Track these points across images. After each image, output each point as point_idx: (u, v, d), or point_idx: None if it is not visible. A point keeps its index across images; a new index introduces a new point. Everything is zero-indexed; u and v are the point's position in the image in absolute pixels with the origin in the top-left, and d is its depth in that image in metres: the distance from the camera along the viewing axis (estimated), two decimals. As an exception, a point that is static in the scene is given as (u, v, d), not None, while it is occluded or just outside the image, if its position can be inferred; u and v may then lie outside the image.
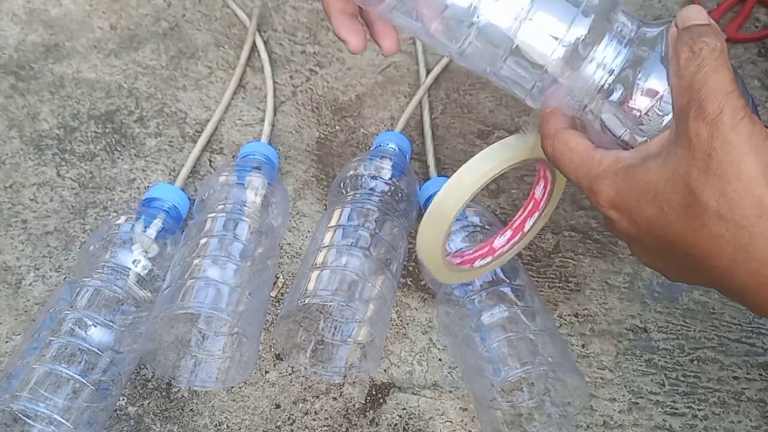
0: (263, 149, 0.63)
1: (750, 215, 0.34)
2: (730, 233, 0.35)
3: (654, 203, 0.37)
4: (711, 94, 0.34)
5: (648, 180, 0.37)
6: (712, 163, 0.34)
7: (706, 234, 0.36)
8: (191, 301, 0.50)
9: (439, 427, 0.54)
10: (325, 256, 0.54)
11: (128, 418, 0.53)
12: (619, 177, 0.38)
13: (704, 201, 0.35)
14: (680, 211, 0.36)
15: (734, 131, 0.34)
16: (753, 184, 0.34)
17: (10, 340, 0.57)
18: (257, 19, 0.75)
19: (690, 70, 0.36)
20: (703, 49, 0.36)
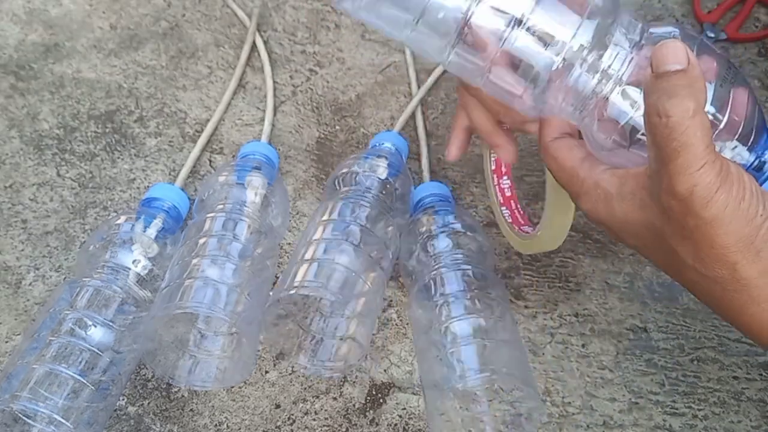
0: (263, 149, 0.63)
1: (723, 275, 0.36)
2: (706, 286, 0.37)
3: (637, 239, 0.39)
4: (680, 172, 0.34)
5: (627, 220, 0.38)
6: (685, 231, 0.35)
7: (685, 279, 0.38)
8: (189, 300, 0.50)
9: (439, 427, 0.54)
10: (314, 250, 0.54)
11: (128, 418, 0.53)
12: (599, 205, 0.39)
13: (681, 255, 0.37)
14: (660, 252, 0.38)
15: (706, 209, 0.34)
16: (726, 251, 0.35)
17: (10, 340, 0.57)
18: (257, 18, 0.75)
19: (661, 135, 0.34)
20: (671, 116, 0.34)
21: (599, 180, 0.39)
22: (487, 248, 0.57)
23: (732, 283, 0.36)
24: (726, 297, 0.37)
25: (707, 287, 0.37)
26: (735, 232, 0.35)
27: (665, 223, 0.36)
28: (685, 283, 0.39)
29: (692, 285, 0.38)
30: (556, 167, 0.42)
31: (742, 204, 0.35)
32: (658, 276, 0.60)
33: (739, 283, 0.36)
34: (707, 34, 0.73)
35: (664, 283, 0.60)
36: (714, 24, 0.74)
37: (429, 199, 0.60)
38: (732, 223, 0.35)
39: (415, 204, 0.60)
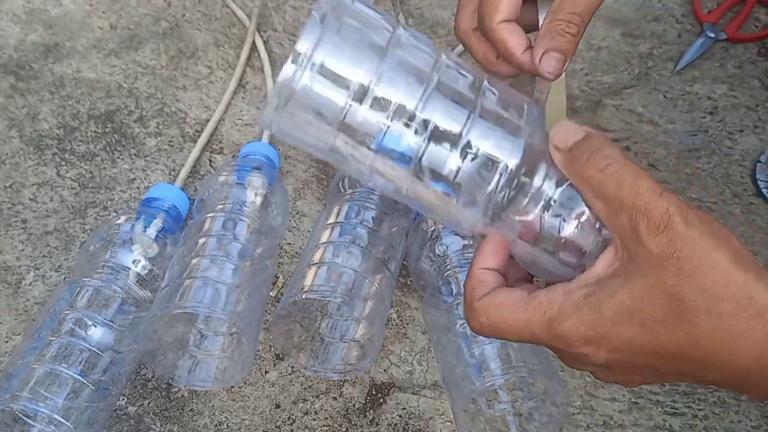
0: (264, 149, 0.63)
1: (740, 301, 0.34)
2: (725, 324, 0.34)
3: (633, 322, 0.35)
4: (649, 203, 0.33)
5: (619, 302, 0.35)
6: (683, 265, 0.33)
7: (699, 332, 0.34)
8: (189, 300, 0.50)
9: (439, 427, 0.54)
10: (323, 253, 0.54)
11: (128, 418, 0.53)
12: (583, 310, 0.36)
13: (689, 302, 0.34)
14: (665, 320, 0.35)
15: (689, 227, 0.33)
16: (730, 270, 0.33)
17: (10, 340, 0.57)
18: (257, 18, 0.75)
19: (611, 189, 0.34)
20: (610, 163, 0.34)
21: (568, 289, 0.36)
22: None
23: (751, 307, 0.33)
24: (751, 328, 0.34)
25: (728, 328, 0.34)
26: (726, 247, 0.34)
27: (661, 272, 0.34)
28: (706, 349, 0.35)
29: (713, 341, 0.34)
30: (503, 314, 0.37)
31: (713, 223, 0.34)
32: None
33: (758, 303, 0.33)
34: (707, 34, 0.73)
35: (664, 283, 0.60)
36: (714, 24, 0.74)
37: None
38: (718, 239, 0.34)
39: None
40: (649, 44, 0.75)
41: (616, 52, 0.74)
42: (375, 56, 0.35)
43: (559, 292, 0.36)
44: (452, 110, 0.36)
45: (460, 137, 0.36)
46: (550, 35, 0.44)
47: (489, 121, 0.37)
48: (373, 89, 0.35)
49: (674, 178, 0.66)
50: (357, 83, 0.35)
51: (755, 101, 0.70)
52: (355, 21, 0.36)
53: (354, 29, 0.35)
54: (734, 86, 0.71)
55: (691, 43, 0.74)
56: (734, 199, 0.65)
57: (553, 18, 0.44)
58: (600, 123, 0.69)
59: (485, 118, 0.37)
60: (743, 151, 0.67)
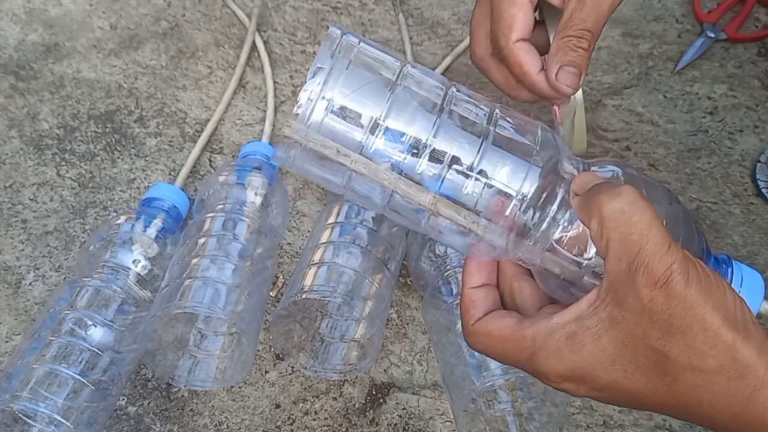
0: (264, 149, 0.63)
1: (723, 361, 0.34)
2: (707, 382, 0.34)
3: (614, 369, 0.35)
4: (655, 255, 0.33)
5: (600, 348, 0.35)
6: (674, 323, 0.33)
7: (680, 386, 0.35)
8: (189, 300, 0.50)
9: (439, 427, 0.54)
10: (323, 253, 0.54)
11: (128, 418, 0.53)
12: (563, 351, 0.36)
13: (673, 357, 0.34)
14: (647, 369, 0.35)
15: (688, 287, 0.33)
16: (719, 331, 0.33)
17: (10, 340, 0.57)
18: (257, 18, 0.75)
19: (620, 231, 0.33)
20: (624, 202, 0.33)
21: (551, 326, 0.36)
22: None
23: (734, 368, 0.34)
24: (730, 388, 0.34)
25: (709, 385, 0.34)
26: (719, 308, 0.33)
27: (648, 325, 0.34)
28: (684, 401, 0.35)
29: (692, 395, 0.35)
30: (493, 342, 0.38)
31: (710, 281, 0.34)
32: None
33: (742, 365, 0.34)
34: (707, 34, 0.73)
35: (664, 283, 0.60)
36: (714, 24, 0.74)
37: None
38: (713, 299, 0.33)
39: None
40: (649, 44, 0.75)
41: (616, 52, 0.74)
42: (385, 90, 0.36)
43: (542, 329, 0.36)
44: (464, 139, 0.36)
45: (474, 166, 0.36)
46: (563, 51, 0.45)
47: (502, 149, 0.37)
48: (385, 122, 0.35)
49: (674, 178, 0.66)
50: (369, 117, 0.35)
51: (755, 101, 0.70)
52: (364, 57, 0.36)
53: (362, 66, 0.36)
54: (734, 86, 0.71)
55: (691, 43, 0.74)
56: (734, 199, 0.65)
57: (563, 34, 0.45)
58: (600, 123, 0.69)
59: (499, 146, 0.37)
60: (743, 151, 0.67)
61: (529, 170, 0.37)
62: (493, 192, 0.37)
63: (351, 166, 0.36)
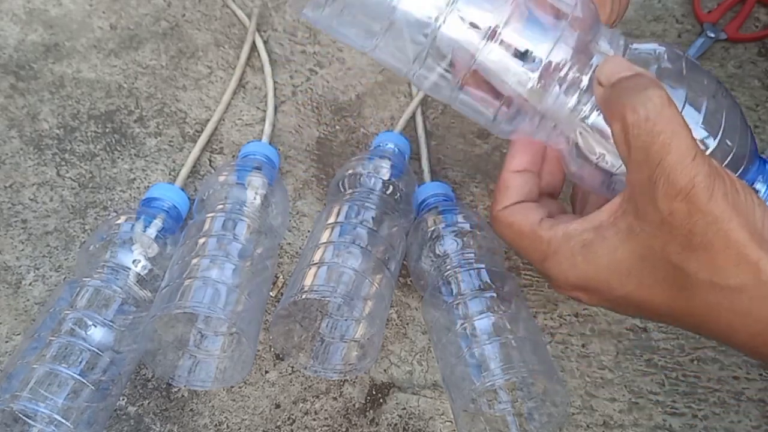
0: (264, 149, 0.63)
1: (746, 281, 0.32)
2: (727, 300, 0.32)
3: (629, 281, 0.34)
4: (677, 166, 0.31)
5: (616, 259, 0.34)
6: (694, 238, 0.31)
7: (699, 303, 0.33)
8: (189, 300, 0.50)
9: (439, 427, 0.54)
10: (323, 253, 0.54)
11: (128, 418, 0.53)
12: (577, 259, 0.34)
13: (692, 273, 0.32)
14: (664, 283, 0.33)
15: (712, 201, 0.31)
16: (746, 249, 0.31)
17: (10, 340, 0.57)
18: (257, 18, 0.75)
19: (642, 139, 0.31)
20: (649, 108, 0.31)
21: (569, 232, 0.35)
22: (496, 246, 0.57)
23: (758, 288, 0.32)
24: (754, 308, 0.32)
25: (729, 304, 0.32)
26: (746, 225, 0.31)
27: (667, 239, 0.32)
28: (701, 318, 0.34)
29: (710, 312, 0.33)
30: (512, 235, 0.37)
31: (739, 195, 0.32)
32: (658, 276, 0.60)
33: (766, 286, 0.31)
34: (707, 34, 0.73)
35: (664, 283, 0.60)
36: (714, 24, 0.74)
37: (433, 200, 0.60)
38: (740, 216, 0.31)
39: (418, 205, 0.60)
40: (649, 44, 0.75)
41: (616, 52, 0.74)
42: None
43: (559, 234, 0.35)
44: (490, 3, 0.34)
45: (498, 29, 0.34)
46: None
47: (533, 17, 0.35)
48: None
49: (674, 178, 0.66)
50: None
51: (755, 101, 0.70)
52: None
53: None
54: (734, 86, 0.71)
55: (691, 43, 0.74)
56: (734, 199, 0.65)
57: None
58: (600, 123, 0.69)
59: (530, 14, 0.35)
60: (743, 151, 0.67)
61: (561, 36, 0.34)
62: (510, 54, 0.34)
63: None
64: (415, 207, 0.61)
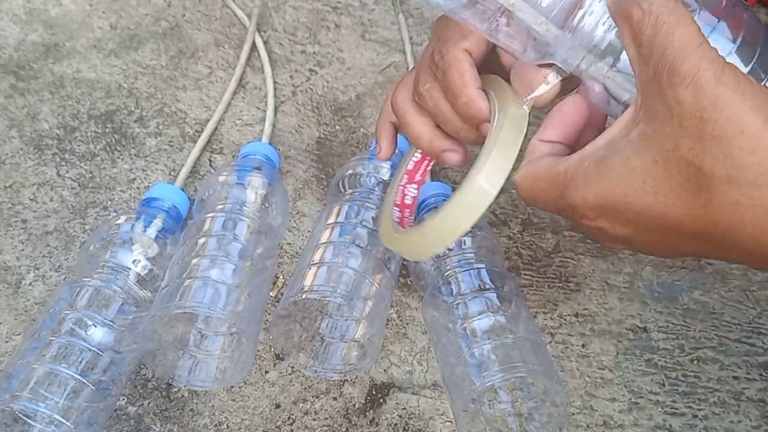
0: (264, 149, 0.63)
1: (766, 170, 0.29)
2: (747, 196, 0.30)
3: (645, 191, 0.32)
4: (681, 52, 0.30)
5: (629, 169, 0.32)
6: (706, 126, 0.29)
7: (718, 205, 0.31)
8: (189, 300, 0.50)
9: (439, 427, 0.54)
10: (323, 253, 0.54)
11: (128, 418, 0.53)
12: (591, 177, 0.33)
13: (707, 169, 0.30)
14: (680, 189, 0.31)
15: (720, 85, 0.29)
16: (761, 133, 0.29)
17: (10, 340, 0.57)
18: (257, 18, 0.75)
19: (646, 33, 0.30)
20: (652, 9, 0.30)
21: (582, 155, 0.34)
22: (495, 246, 0.57)
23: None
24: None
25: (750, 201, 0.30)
26: (760, 108, 0.29)
27: (678, 133, 0.30)
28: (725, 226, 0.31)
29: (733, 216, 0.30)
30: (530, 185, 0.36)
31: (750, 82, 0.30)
32: (658, 276, 0.60)
33: None
34: (707, 34, 0.73)
35: (664, 283, 0.60)
36: (714, 24, 0.74)
37: (433, 200, 0.60)
38: (753, 99, 0.29)
39: (419, 205, 0.60)
40: (649, 44, 0.75)
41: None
42: None
43: (574, 159, 0.34)
44: None
45: None
46: None
47: None
48: None
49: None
50: None
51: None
52: None
53: None
54: (734, 86, 0.71)
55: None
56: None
57: None
58: (600, 123, 0.69)
59: None
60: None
61: None
62: None
63: None
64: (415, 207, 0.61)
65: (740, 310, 0.58)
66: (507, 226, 0.63)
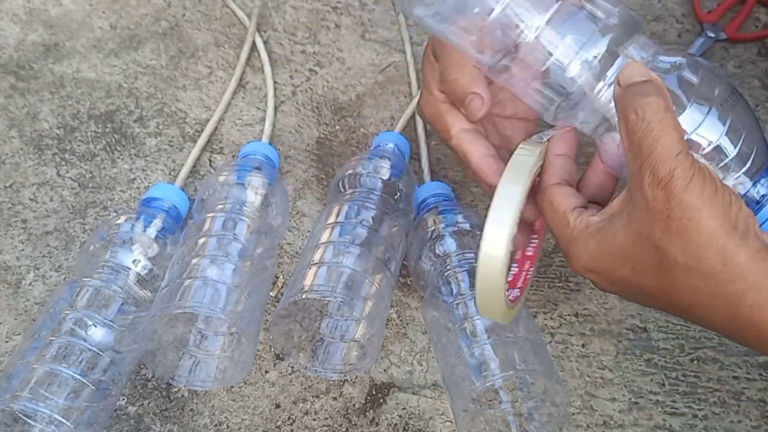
0: (264, 149, 0.63)
1: (715, 264, 0.36)
2: (703, 284, 0.37)
3: (626, 264, 0.39)
4: (661, 158, 0.35)
5: (618, 243, 0.39)
6: (672, 223, 0.36)
7: (681, 287, 0.38)
8: (189, 300, 0.50)
9: (439, 427, 0.54)
10: (323, 253, 0.54)
11: (128, 418, 0.53)
12: (591, 242, 0.40)
13: (672, 257, 0.37)
14: (651, 269, 0.38)
15: (686, 191, 0.35)
16: (714, 235, 0.36)
17: (10, 340, 0.57)
18: (257, 18, 0.75)
19: (638, 135, 0.36)
20: (647, 111, 0.36)
21: (589, 221, 0.40)
22: None
23: (725, 272, 0.36)
24: (721, 290, 0.37)
25: (705, 287, 0.37)
26: (717, 215, 0.36)
27: (651, 223, 0.37)
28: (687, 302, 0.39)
29: (693, 295, 0.38)
30: (550, 211, 0.42)
31: (717, 192, 0.36)
32: (658, 276, 0.60)
33: (733, 270, 0.36)
34: (707, 34, 0.73)
35: (664, 283, 0.60)
36: (714, 24, 0.74)
37: (433, 200, 0.60)
38: (713, 207, 0.36)
39: (419, 204, 0.60)
40: (649, 44, 0.75)
41: (616, 52, 0.74)
42: None
43: (583, 222, 0.40)
44: None
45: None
46: None
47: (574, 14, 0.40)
48: None
49: (674, 178, 0.66)
50: None
51: (755, 101, 0.70)
52: None
53: None
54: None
55: (691, 43, 0.74)
56: (734, 199, 0.65)
57: None
58: (600, 123, 0.69)
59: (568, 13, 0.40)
60: (743, 151, 0.67)
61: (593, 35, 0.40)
62: None
63: None
64: (415, 207, 0.61)
65: (740, 310, 0.58)
66: (507, 226, 0.63)
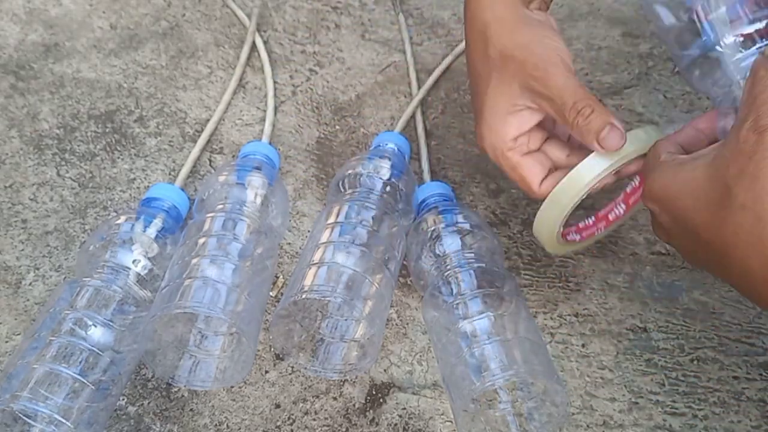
0: (264, 149, 0.63)
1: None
2: (749, 224, 0.38)
3: (691, 196, 0.41)
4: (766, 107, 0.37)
5: (693, 176, 0.41)
6: (750, 165, 0.37)
7: (730, 223, 0.39)
8: (189, 300, 0.50)
9: (439, 427, 0.54)
10: (323, 253, 0.54)
11: (128, 418, 0.53)
12: (668, 172, 0.43)
13: (734, 194, 0.38)
14: (712, 203, 0.40)
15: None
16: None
17: (10, 340, 0.57)
18: (257, 18, 0.75)
19: (758, 88, 0.38)
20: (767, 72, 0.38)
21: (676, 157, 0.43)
22: (496, 246, 0.57)
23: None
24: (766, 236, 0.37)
25: (750, 226, 0.38)
26: None
27: (732, 161, 0.38)
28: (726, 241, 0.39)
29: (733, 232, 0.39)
30: (652, 152, 0.46)
31: None
32: (658, 276, 0.60)
33: None
34: (707, 34, 0.73)
35: (664, 283, 0.60)
36: (714, 24, 0.74)
37: (433, 200, 0.60)
38: None
39: (419, 204, 0.60)
40: (649, 44, 0.75)
41: (616, 52, 0.74)
42: None
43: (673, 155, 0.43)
44: None
45: None
46: (579, 130, 0.48)
47: None
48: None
49: (674, 178, 0.66)
50: None
51: None
52: None
53: None
54: (734, 86, 0.71)
55: (691, 43, 0.74)
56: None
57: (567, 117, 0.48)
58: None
59: None
60: (743, 151, 0.67)
61: None
62: None
63: None
64: (415, 207, 0.61)
65: (740, 310, 0.58)
66: (507, 226, 0.63)
